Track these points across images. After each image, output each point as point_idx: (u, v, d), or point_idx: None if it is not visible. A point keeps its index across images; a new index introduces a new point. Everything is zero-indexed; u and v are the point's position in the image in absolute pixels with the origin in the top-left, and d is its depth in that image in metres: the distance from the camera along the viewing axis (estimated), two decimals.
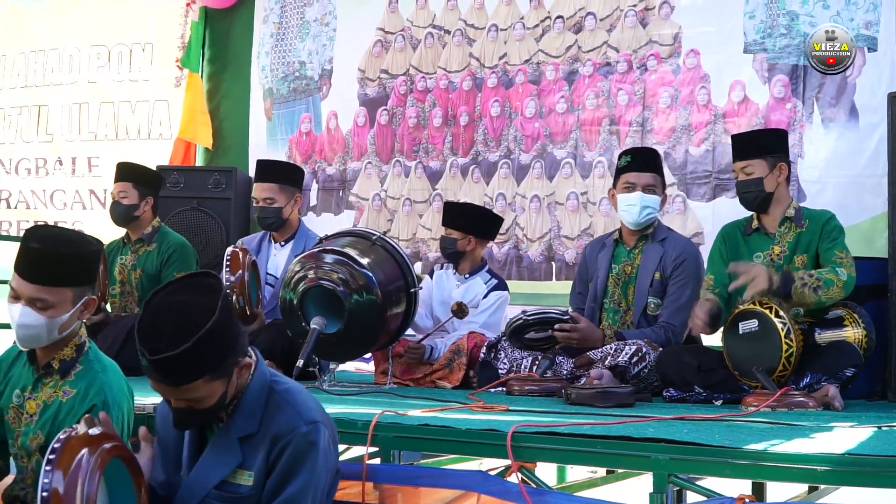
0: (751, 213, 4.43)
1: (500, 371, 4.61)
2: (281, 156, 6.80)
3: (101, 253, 3.04)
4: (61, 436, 2.49)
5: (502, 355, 4.64)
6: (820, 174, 5.36)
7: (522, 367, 4.56)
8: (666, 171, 5.66)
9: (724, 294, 4.27)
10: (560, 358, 4.55)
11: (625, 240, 4.77)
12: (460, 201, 6.06)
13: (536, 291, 6.04)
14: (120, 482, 2.58)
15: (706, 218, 5.57)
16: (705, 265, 4.60)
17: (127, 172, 5.59)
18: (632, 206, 4.63)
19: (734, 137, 4.47)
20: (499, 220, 5.44)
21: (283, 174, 5.46)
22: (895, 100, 4.54)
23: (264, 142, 7.02)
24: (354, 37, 6.81)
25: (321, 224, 6.31)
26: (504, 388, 4.41)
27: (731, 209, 5.09)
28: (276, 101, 7.05)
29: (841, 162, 5.29)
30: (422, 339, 4.96)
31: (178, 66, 7.32)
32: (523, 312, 4.56)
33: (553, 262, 6.02)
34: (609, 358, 4.33)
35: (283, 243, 5.40)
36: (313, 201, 6.83)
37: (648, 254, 4.67)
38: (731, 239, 4.43)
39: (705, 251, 4.72)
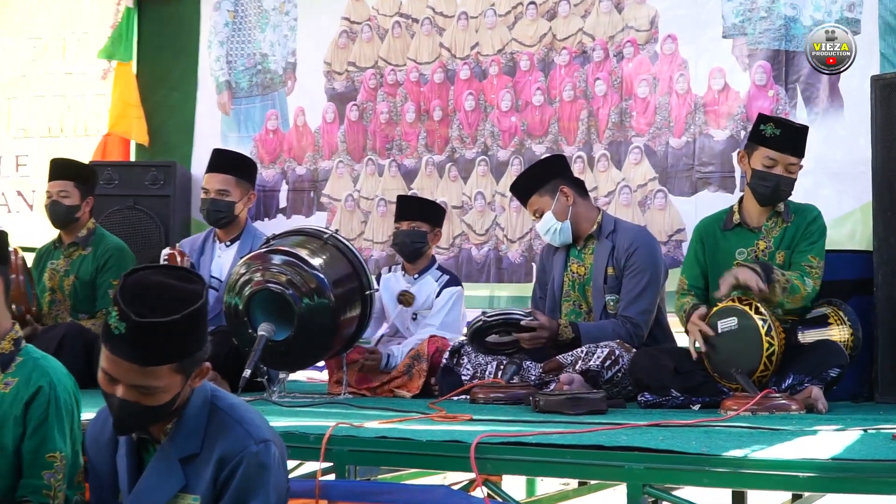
0: (731, 205, 4.48)
1: (463, 378, 4.61)
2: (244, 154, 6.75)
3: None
4: None
5: (465, 361, 4.64)
6: (804, 164, 5.40)
7: (487, 373, 4.57)
8: (646, 165, 5.74)
9: (700, 297, 4.33)
10: (527, 363, 4.57)
11: (575, 240, 4.83)
12: (410, 195, 6.14)
13: (517, 294, 6.08)
14: None
15: (688, 213, 5.59)
16: (660, 251, 4.76)
17: (67, 170, 5.57)
18: (544, 237, 4.88)
19: (784, 123, 4.37)
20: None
21: (241, 168, 5.44)
22: (878, 83, 4.58)
23: (217, 137, 6.94)
24: (318, 27, 6.80)
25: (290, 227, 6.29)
26: (468, 396, 4.42)
27: (713, 204, 5.14)
28: (235, 95, 7.02)
29: (826, 151, 5.32)
30: (377, 343, 4.95)
31: (106, 59, 7.27)
32: (483, 313, 4.57)
33: (534, 264, 6.03)
34: (580, 362, 4.35)
35: (228, 243, 5.36)
36: (283, 203, 6.83)
37: (598, 252, 4.75)
38: (709, 236, 4.45)
39: (686, 248, 4.76)
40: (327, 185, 6.71)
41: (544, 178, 4.85)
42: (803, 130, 4.37)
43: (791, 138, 4.29)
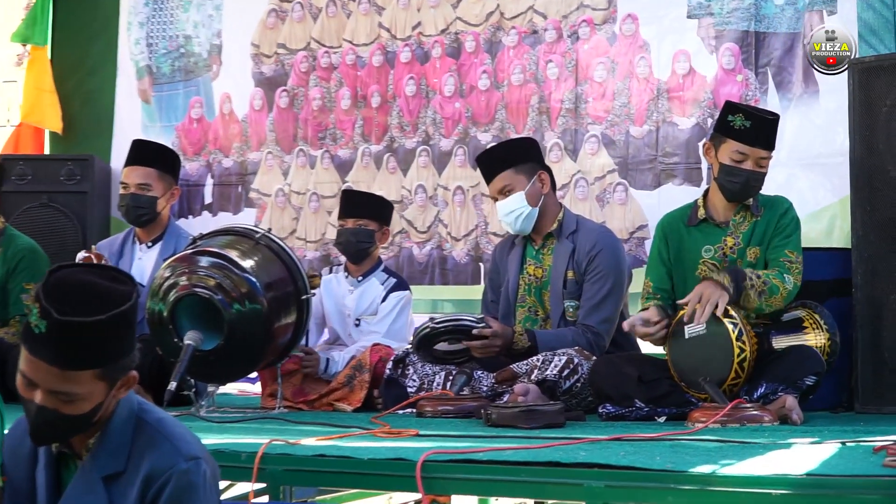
0: (695, 199, 4.49)
1: (408, 390, 4.61)
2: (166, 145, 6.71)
3: None
4: None
5: (411, 371, 4.64)
6: (776, 154, 5.43)
7: (435, 384, 4.58)
8: (605, 155, 5.75)
9: (666, 301, 4.33)
10: (479, 373, 4.57)
11: (533, 238, 4.82)
12: (356, 189, 6.11)
13: (463, 297, 6.07)
14: None
15: (651, 208, 5.60)
16: (624, 254, 4.80)
17: None
18: (504, 219, 4.80)
19: (754, 114, 4.34)
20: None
21: (163, 160, 5.44)
22: (856, 67, 4.61)
23: (138, 128, 6.93)
24: (245, 6, 6.78)
25: (217, 226, 6.25)
26: (414, 410, 4.42)
27: (677, 198, 5.14)
28: (156, 81, 6.96)
29: (800, 140, 5.36)
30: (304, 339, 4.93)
31: (21, 43, 7.19)
32: (431, 319, 4.57)
33: (480, 264, 6.04)
34: (536, 371, 4.35)
35: (149, 244, 5.35)
36: (208, 199, 6.80)
37: (558, 253, 4.75)
38: (674, 232, 4.45)
39: (649, 246, 4.77)
40: (256, 179, 6.68)
41: (523, 156, 4.81)
42: (774, 120, 4.38)
43: (762, 130, 4.29)
